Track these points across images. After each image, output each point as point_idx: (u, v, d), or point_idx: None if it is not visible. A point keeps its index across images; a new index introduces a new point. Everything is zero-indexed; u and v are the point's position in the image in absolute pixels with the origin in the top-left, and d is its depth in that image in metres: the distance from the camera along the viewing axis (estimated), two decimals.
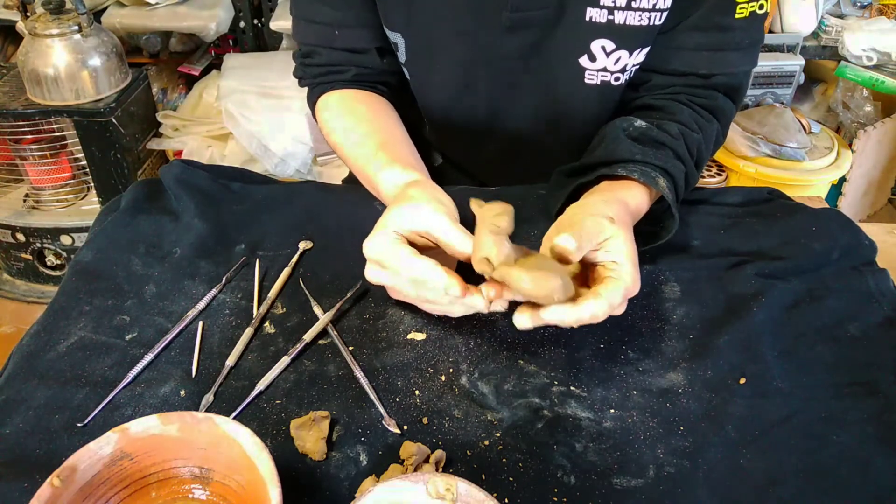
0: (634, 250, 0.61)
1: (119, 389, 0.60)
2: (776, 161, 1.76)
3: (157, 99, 1.84)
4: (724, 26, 0.74)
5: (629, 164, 0.70)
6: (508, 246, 0.56)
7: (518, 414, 0.58)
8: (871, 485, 0.53)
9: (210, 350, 0.64)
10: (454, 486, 0.45)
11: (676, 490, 0.53)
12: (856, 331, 0.65)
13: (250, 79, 1.72)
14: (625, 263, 0.59)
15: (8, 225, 1.70)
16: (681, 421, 0.58)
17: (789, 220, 0.75)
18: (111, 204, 0.82)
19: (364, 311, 0.69)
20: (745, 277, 0.69)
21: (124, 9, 1.82)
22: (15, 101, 1.57)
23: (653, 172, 0.69)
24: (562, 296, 0.54)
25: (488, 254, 0.55)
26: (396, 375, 0.62)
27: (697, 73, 0.77)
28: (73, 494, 0.46)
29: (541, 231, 0.77)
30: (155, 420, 0.49)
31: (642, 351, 0.64)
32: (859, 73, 1.86)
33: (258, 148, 1.63)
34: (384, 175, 0.73)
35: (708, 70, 0.77)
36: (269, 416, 0.58)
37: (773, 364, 0.62)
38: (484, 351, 0.64)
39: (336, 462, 0.55)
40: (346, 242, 0.76)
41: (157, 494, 0.50)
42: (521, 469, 0.54)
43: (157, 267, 0.72)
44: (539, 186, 0.85)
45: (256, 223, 0.79)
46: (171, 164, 0.83)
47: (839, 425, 0.57)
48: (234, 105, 1.63)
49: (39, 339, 0.65)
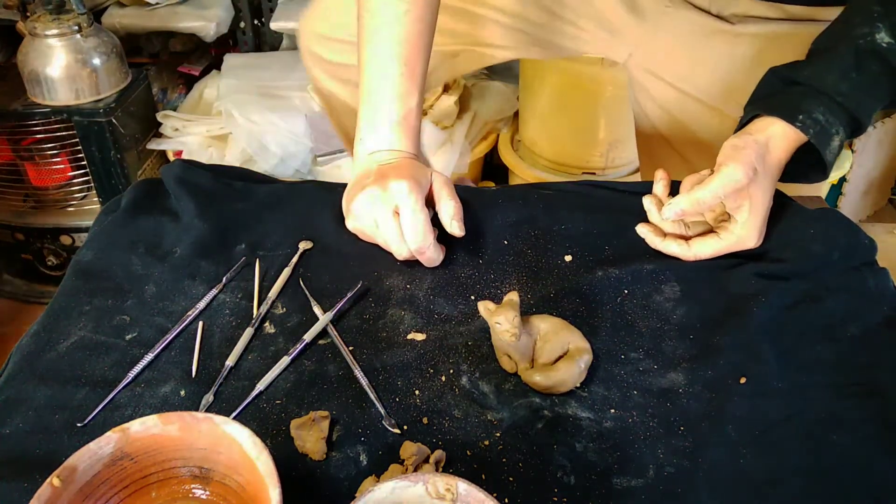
0: (762, 206, 0.67)
1: (119, 389, 0.60)
2: None
3: (157, 99, 1.83)
4: None
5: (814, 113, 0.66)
6: (524, 340, 0.60)
7: (518, 414, 0.58)
8: (871, 485, 0.53)
9: (210, 350, 0.64)
10: (454, 486, 0.45)
11: (676, 490, 0.53)
12: (856, 331, 0.65)
13: (250, 79, 1.72)
14: (741, 223, 0.68)
15: (8, 225, 1.70)
16: (681, 421, 0.58)
17: (789, 220, 0.75)
18: (111, 204, 0.81)
19: (364, 311, 0.69)
20: (745, 277, 0.69)
21: (124, 9, 1.81)
22: (15, 101, 1.57)
23: (833, 132, 0.66)
24: (570, 386, 0.60)
25: (508, 365, 0.62)
26: (396, 375, 0.62)
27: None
28: (73, 494, 0.46)
29: (542, 231, 0.77)
30: (155, 420, 0.49)
31: (642, 351, 0.64)
32: None
33: (258, 148, 1.63)
34: (380, 134, 0.74)
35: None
36: (269, 416, 0.58)
37: (773, 364, 0.62)
38: (484, 351, 0.64)
39: (336, 462, 0.55)
40: (346, 242, 0.76)
41: (157, 494, 0.50)
42: (521, 469, 0.54)
43: (157, 267, 0.72)
44: (539, 186, 0.85)
45: (257, 223, 0.79)
46: (173, 164, 0.83)
47: (839, 425, 0.57)
48: (234, 105, 1.63)
49: (39, 339, 0.65)
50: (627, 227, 0.76)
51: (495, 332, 0.59)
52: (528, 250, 0.75)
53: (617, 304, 0.69)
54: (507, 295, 0.61)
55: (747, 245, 0.70)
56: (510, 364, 0.62)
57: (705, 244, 0.70)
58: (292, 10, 1.79)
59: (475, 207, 0.80)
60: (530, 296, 0.70)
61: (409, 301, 0.69)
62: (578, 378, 0.60)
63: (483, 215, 0.79)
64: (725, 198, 0.67)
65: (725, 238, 0.69)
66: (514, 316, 0.58)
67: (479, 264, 0.74)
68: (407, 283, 0.71)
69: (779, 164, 0.68)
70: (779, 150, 0.68)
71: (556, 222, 0.78)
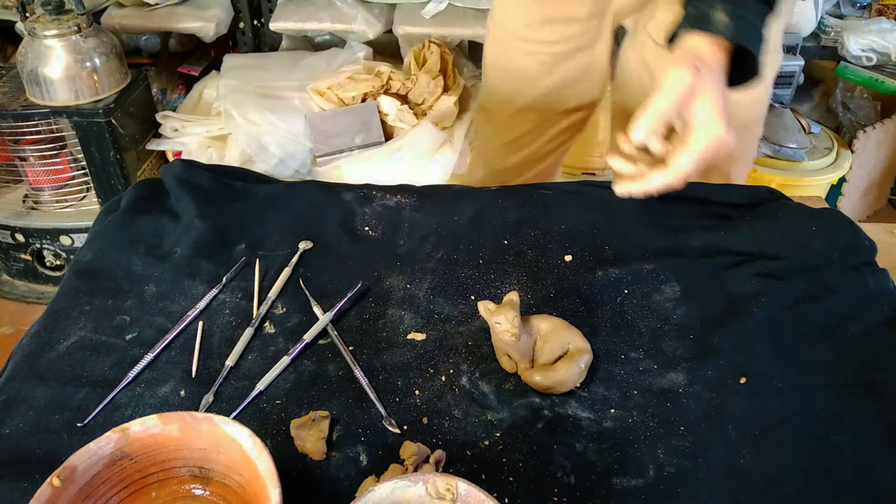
0: (717, 97, 0.63)
1: (119, 389, 0.60)
2: (776, 161, 1.76)
3: (156, 99, 1.83)
4: None
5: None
6: (524, 340, 0.60)
7: (518, 414, 0.58)
8: (871, 485, 0.53)
9: (210, 350, 0.64)
10: (454, 486, 0.45)
11: (676, 490, 0.53)
12: (856, 331, 0.65)
13: (250, 79, 1.71)
14: (704, 119, 0.63)
15: (7, 225, 1.70)
16: (681, 421, 0.58)
17: (789, 220, 0.75)
18: (111, 204, 0.81)
19: (364, 311, 0.68)
20: (745, 277, 0.69)
21: (124, 9, 1.81)
22: (14, 102, 1.57)
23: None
24: (570, 386, 0.60)
25: (508, 365, 0.62)
26: (396, 375, 0.62)
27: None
28: (73, 494, 0.46)
29: (541, 231, 0.77)
30: (155, 420, 0.49)
31: (642, 351, 0.64)
32: (859, 73, 1.86)
33: (257, 148, 1.63)
34: None
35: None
36: (269, 416, 0.58)
37: (773, 364, 0.62)
38: (484, 351, 0.64)
39: (336, 462, 0.55)
40: (346, 242, 0.76)
41: (157, 494, 0.50)
42: (521, 469, 0.54)
43: (157, 267, 0.72)
44: (539, 186, 0.85)
45: (257, 223, 0.79)
46: (172, 164, 0.83)
47: (839, 425, 0.57)
48: (233, 105, 1.63)
49: (39, 339, 0.65)
50: (627, 227, 0.77)
51: (495, 332, 0.59)
52: (528, 250, 0.75)
53: (617, 304, 0.69)
54: (507, 295, 0.61)
55: (724, 140, 0.64)
56: (510, 364, 0.62)
57: (682, 156, 0.64)
58: (292, 10, 1.79)
59: (475, 207, 0.80)
60: (530, 296, 0.70)
61: (409, 301, 0.69)
62: (578, 378, 0.60)
63: (483, 215, 0.79)
64: (679, 102, 0.64)
65: (696, 140, 0.64)
66: (514, 316, 0.58)
67: (479, 264, 0.74)
68: (407, 283, 0.71)
69: (718, 62, 0.66)
70: (708, 52, 0.66)
71: (556, 222, 0.78)
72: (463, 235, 0.77)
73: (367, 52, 1.78)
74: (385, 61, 1.73)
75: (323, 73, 1.71)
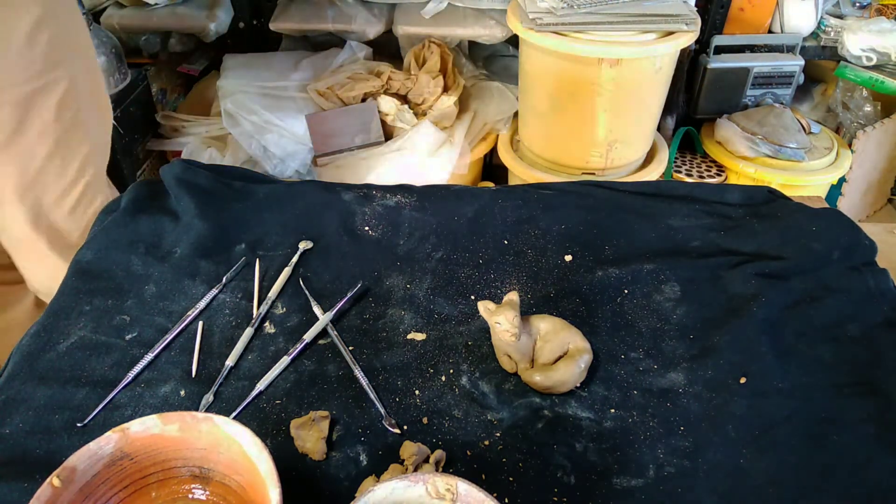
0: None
1: (119, 389, 0.60)
2: (776, 161, 1.76)
3: (156, 99, 1.83)
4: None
5: None
6: (524, 340, 0.60)
7: (518, 414, 0.58)
8: (871, 485, 0.53)
9: (210, 350, 0.64)
10: (454, 486, 0.45)
11: (676, 490, 0.53)
12: (856, 331, 0.65)
13: (250, 79, 1.71)
14: None
15: None
16: (681, 421, 0.58)
17: (789, 220, 0.75)
18: (111, 204, 0.81)
19: (364, 311, 0.68)
20: (745, 277, 0.69)
21: (123, 9, 1.81)
22: None
23: None
24: (570, 386, 0.60)
25: (508, 365, 0.62)
26: (396, 375, 0.62)
27: None
28: (73, 494, 0.46)
29: (541, 231, 0.77)
30: (155, 420, 0.49)
31: (642, 351, 0.64)
32: (859, 73, 1.86)
33: (257, 148, 1.63)
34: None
35: None
36: (269, 416, 0.58)
37: (773, 364, 0.62)
38: (484, 351, 0.64)
39: (336, 462, 0.55)
40: (346, 242, 0.76)
41: (157, 494, 0.50)
42: (521, 469, 0.54)
43: (157, 267, 0.72)
44: (539, 186, 0.85)
45: (257, 223, 0.78)
46: (172, 164, 0.83)
47: (839, 425, 0.57)
48: (233, 105, 1.63)
49: (39, 339, 0.65)
50: (627, 226, 0.77)
51: (495, 332, 0.59)
52: (528, 250, 0.75)
53: (617, 304, 0.69)
54: (507, 295, 0.61)
55: None
56: (510, 364, 0.62)
57: None
58: (292, 11, 1.79)
59: (475, 207, 0.80)
60: (530, 296, 0.70)
61: (409, 301, 0.69)
62: (578, 378, 0.60)
63: (483, 215, 0.79)
64: None
65: None
66: (514, 316, 0.58)
67: (479, 264, 0.74)
68: (407, 283, 0.71)
69: None
70: None
71: (556, 222, 0.78)
72: (463, 235, 0.77)
73: (367, 52, 1.78)
74: (385, 61, 1.73)
75: (323, 73, 1.71)
